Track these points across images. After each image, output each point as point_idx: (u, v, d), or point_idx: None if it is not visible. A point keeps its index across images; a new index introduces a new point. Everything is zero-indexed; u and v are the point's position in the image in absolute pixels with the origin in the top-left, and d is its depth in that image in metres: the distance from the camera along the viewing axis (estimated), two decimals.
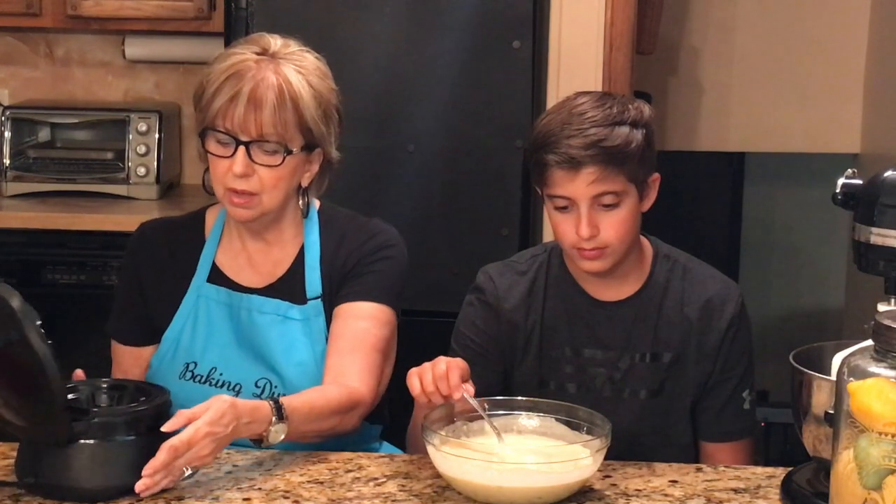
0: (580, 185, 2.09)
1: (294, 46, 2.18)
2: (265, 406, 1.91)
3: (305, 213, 2.24)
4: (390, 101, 3.43)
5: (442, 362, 1.96)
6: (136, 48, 4.04)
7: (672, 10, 4.42)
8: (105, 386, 1.95)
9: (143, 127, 3.85)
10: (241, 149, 2.11)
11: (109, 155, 3.91)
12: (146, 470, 1.78)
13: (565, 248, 2.18)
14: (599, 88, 3.34)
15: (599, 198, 2.09)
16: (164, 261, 2.27)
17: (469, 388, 1.94)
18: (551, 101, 3.26)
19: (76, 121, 3.99)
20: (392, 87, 3.43)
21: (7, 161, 3.88)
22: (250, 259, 2.25)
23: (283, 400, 1.94)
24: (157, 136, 3.85)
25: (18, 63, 4.20)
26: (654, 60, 4.31)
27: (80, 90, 4.20)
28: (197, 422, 1.80)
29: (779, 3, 4.54)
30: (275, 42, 2.16)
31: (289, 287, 2.22)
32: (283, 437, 1.93)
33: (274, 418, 1.91)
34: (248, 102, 2.09)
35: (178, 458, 1.79)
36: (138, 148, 3.85)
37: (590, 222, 2.10)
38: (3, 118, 3.91)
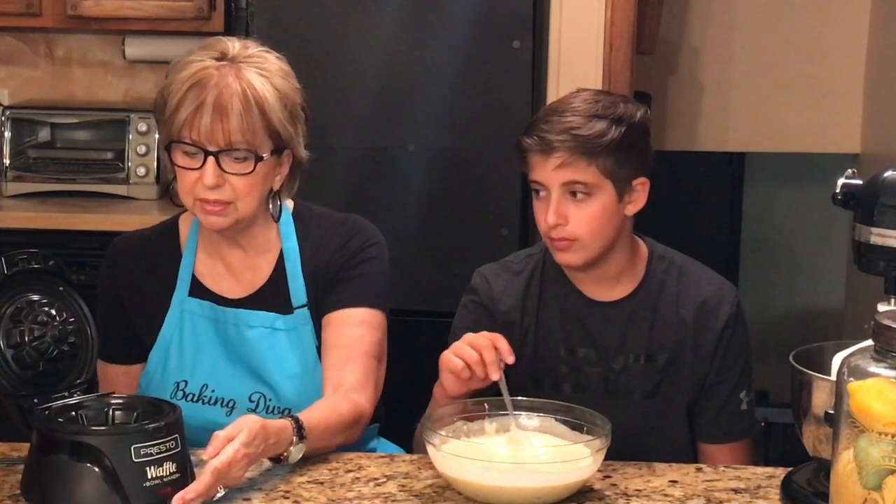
0: (548, 170, 2.11)
1: (253, 48, 2.13)
2: (288, 426, 1.90)
3: (277, 217, 2.19)
4: (390, 101, 3.44)
5: (481, 336, 1.99)
6: (136, 48, 4.04)
7: (672, 10, 4.42)
8: (116, 402, 1.91)
9: (143, 127, 3.85)
10: (211, 159, 2.05)
11: (109, 155, 3.90)
12: (190, 492, 1.73)
13: (544, 240, 2.19)
14: (599, 88, 3.34)
15: (569, 186, 2.11)
16: (142, 276, 2.22)
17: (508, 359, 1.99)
18: (551, 101, 3.26)
19: (76, 121, 3.99)
20: (392, 87, 3.43)
21: (7, 161, 3.88)
22: (229, 267, 2.21)
23: (301, 417, 1.93)
24: (157, 136, 3.83)
25: (18, 63, 4.20)
26: (654, 60, 4.31)
27: (80, 90, 4.20)
28: (234, 443, 1.78)
29: (779, 3, 4.54)
30: (233, 45, 2.11)
31: (272, 297, 2.19)
32: (300, 455, 1.93)
33: (295, 438, 1.90)
34: (214, 111, 2.03)
35: (219, 480, 1.77)
36: (138, 148, 3.85)
37: (557, 210, 2.11)
38: (3, 118, 3.91)
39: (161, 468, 1.77)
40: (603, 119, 2.11)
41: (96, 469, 1.73)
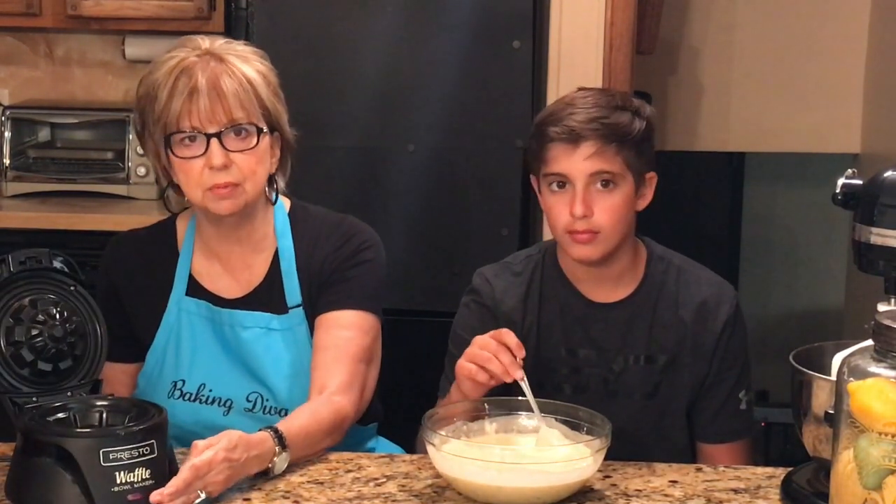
0: (578, 160, 2.11)
1: (221, 40, 2.16)
2: (268, 437, 1.89)
3: (274, 201, 2.20)
4: (390, 101, 3.44)
5: (489, 336, 2.01)
6: (136, 48, 4.04)
7: (672, 10, 4.42)
8: (103, 404, 1.89)
9: None
10: (214, 141, 2.06)
11: (109, 155, 3.91)
12: (168, 487, 1.72)
13: (558, 236, 2.18)
14: (600, 88, 3.34)
15: (596, 176, 2.11)
16: (139, 276, 2.23)
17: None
18: (551, 100, 3.26)
19: (76, 121, 3.99)
20: (392, 87, 3.43)
21: (7, 161, 3.88)
22: (225, 266, 2.21)
23: (281, 427, 1.92)
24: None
25: (18, 63, 4.20)
26: (654, 60, 4.31)
27: (80, 90, 4.20)
28: (215, 446, 1.78)
29: (779, 3, 4.54)
30: (204, 41, 2.14)
31: (268, 297, 2.19)
32: (286, 465, 1.92)
33: (277, 448, 1.90)
34: (210, 91, 2.06)
35: (198, 479, 1.76)
36: (138, 148, 3.81)
37: (584, 201, 2.11)
38: (3, 118, 3.92)
39: (132, 473, 1.75)
40: (626, 110, 2.13)
41: (65, 471, 1.73)
